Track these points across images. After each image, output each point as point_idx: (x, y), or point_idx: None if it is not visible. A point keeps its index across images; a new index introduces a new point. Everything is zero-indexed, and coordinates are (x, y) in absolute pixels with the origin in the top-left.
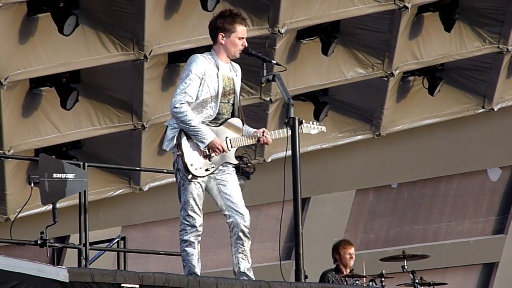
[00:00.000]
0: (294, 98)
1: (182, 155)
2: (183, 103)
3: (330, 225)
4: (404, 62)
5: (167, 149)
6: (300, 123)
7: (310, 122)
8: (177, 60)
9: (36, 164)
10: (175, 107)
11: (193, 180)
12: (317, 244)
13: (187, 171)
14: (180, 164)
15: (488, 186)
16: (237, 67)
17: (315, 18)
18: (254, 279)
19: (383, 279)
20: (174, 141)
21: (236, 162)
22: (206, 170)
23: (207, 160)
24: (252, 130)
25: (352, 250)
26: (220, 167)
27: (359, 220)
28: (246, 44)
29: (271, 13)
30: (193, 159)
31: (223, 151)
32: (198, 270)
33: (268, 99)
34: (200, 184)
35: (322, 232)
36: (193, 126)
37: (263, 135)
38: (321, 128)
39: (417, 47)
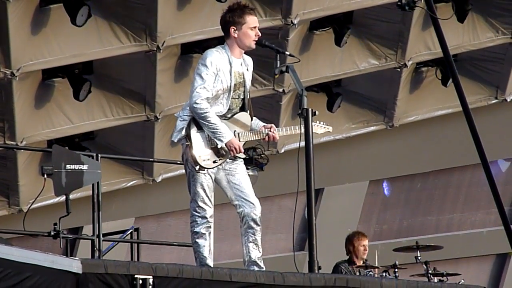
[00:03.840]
0: (307, 89)
1: (190, 146)
2: (203, 99)
3: (343, 216)
4: (417, 53)
5: (175, 140)
6: (314, 114)
7: (317, 122)
8: (190, 51)
9: (49, 156)
10: (195, 103)
11: (200, 171)
12: (331, 235)
13: (195, 162)
14: (188, 155)
15: (501, 177)
16: (248, 60)
17: (328, 9)
18: (264, 268)
19: (396, 269)
20: (183, 132)
21: (243, 156)
22: (214, 162)
23: (215, 152)
24: (261, 123)
25: (366, 242)
26: (228, 159)
27: (372, 211)
28: (260, 34)
29: (284, 4)
30: (201, 151)
31: (239, 151)
32: (210, 262)
33: (281, 90)
34: (210, 175)
35: (335, 223)
36: (213, 123)
37: (270, 131)
38: (327, 128)
39: (430, 38)
